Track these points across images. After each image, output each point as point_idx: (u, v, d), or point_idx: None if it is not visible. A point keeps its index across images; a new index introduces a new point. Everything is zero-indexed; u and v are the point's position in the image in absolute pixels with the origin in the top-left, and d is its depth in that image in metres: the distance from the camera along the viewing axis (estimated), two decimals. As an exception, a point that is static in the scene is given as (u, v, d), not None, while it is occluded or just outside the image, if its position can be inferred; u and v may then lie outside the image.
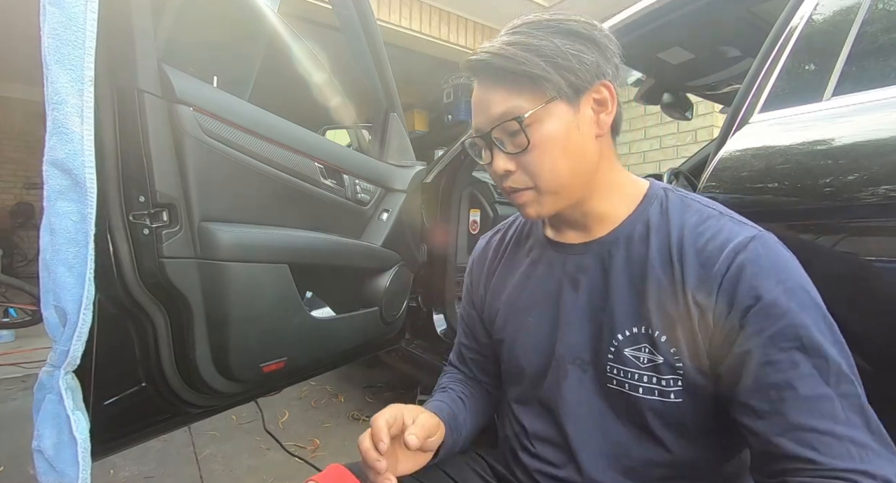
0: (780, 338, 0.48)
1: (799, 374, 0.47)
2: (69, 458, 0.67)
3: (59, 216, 0.64)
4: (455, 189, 1.78)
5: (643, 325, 0.56)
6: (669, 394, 0.55)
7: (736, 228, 0.53)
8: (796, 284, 0.50)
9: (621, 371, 0.57)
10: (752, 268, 0.50)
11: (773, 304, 0.49)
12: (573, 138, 0.56)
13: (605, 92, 0.56)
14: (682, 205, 0.58)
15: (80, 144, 0.64)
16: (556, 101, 0.54)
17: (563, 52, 0.54)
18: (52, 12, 0.61)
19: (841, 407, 0.46)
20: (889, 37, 0.69)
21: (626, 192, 0.61)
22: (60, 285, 0.65)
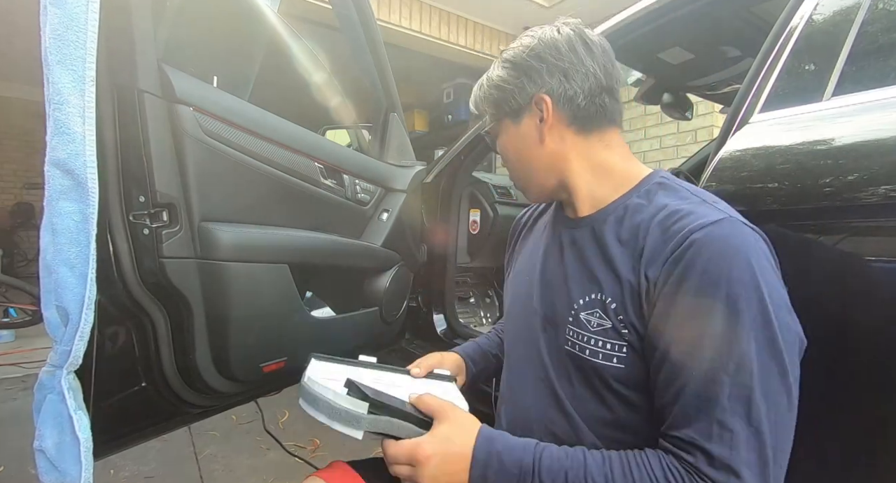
0: (695, 319, 0.51)
1: (702, 355, 0.50)
2: (71, 457, 0.67)
3: (60, 216, 0.64)
4: (455, 189, 1.78)
5: (598, 291, 0.61)
6: (612, 358, 0.59)
7: (705, 211, 0.56)
8: (734, 273, 0.51)
9: (577, 334, 0.63)
10: (698, 248, 0.52)
11: (696, 287, 0.51)
12: (518, 147, 0.71)
13: (543, 104, 0.66)
14: (668, 191, 0.63)
15: (82, 145, 0.64)
16: (502, 122, 0.72)
17: (493, 86, 0.71)
18: (54, 12, 0.61)
19: (728, 394, 0.49)
20: (889, 37, 0.70)
21: (620, 177, 0.67)
22: (62, 285, 0.65)
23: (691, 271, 0.52)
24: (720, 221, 0.53)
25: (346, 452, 1.74)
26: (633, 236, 0.60)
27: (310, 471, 1.59)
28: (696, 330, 0.51)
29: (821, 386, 0.70)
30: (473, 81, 0.74)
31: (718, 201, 0.60)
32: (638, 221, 0.60)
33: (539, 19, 4.92)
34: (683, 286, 0.52)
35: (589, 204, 0.68)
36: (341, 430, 0.61)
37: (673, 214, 0.57)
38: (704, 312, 0.50)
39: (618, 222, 0.63)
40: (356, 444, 0.65)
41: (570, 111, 0.66)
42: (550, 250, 0.73)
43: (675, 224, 0.56)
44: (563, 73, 0.65)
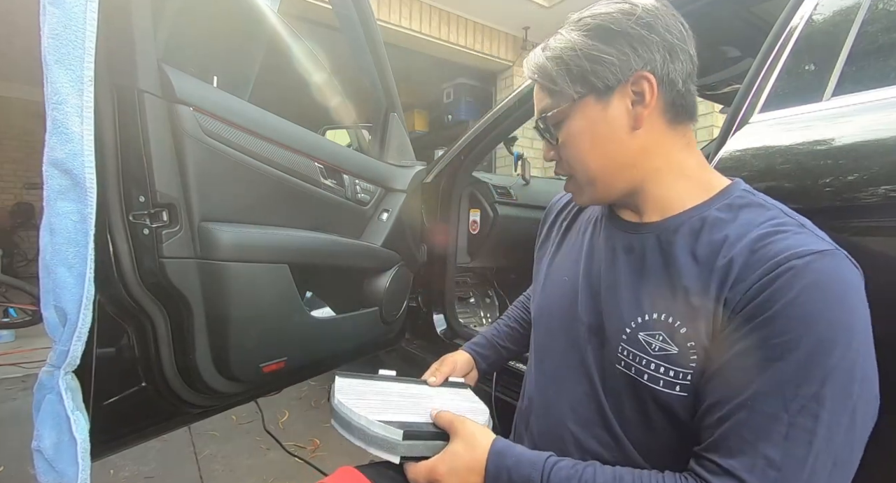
0: (767, 350, 0.46)
1: (765, 390, 0.45)
2: (69, 457, 0.67)
3: (59, 216, 0.64)
4: (455, 189, 1.78)
5: (664, 313, 0.54)
6: (675, 386, 0.53)
7: (807, 239, 0.49)
8: (831, 315, 0.45)
9: (633, 355, 0.56)
10: (794, 276, 0.46)
11: (781, 317, 0.45)
12: (601, 133, 0.59)
13: (644, 83, 0.56)
14: (758, 208, 0.55)
15: (80, 144, 0.64)
16: (582, 100, 0.58)
17: (580, 56, 0.57)
18: (52, 12, 0.61)
19: (785, 434, 0.44)
20: (889, 37, 0.69)
21: (697, 183, 0.59)
22: (60, 285, 0.65)
23: (780, 298, 0.45)
24: (826, 252, 0.47)
25: (344, 452, 1.74)
26: (713, 254, 0.52)
27: (309, 470, 1.59)
28: (769, 359, 0.45)
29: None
30: (473, 81, 0.72)
31: (818, 229, 0.53)
32: (720, 238, 0.53)
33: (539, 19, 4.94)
34: (767, 312, 0.46)
35: (658, 210, 0.60)
36: (378, 454, 0.63)
37: (767, 236, 0.50)
38: (784, 345, 0.45)
39: (692, 235, 0.55)
40: (356, 445, 0.65)
41: (669, 97, 0.57)
42: (598, 253, 0.65)
43: (769, 246, 0.49)
44: (670, 51, 0.56)
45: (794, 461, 0.44)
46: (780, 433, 0.44)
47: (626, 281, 0.60)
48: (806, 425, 0.44)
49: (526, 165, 2.18)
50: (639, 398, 0.57)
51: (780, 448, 0.44)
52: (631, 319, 0.57)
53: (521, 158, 2.20)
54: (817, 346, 0.44)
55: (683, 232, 0.57)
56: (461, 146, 1.70)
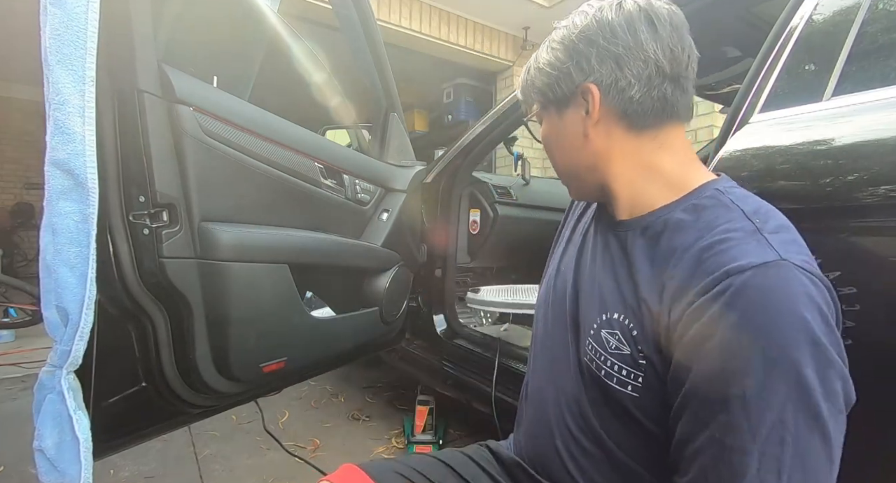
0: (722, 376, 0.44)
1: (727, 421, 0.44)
2: (71, 457, 0.67)
3: (60, 216, 0.64)
4: (455, 189, 1.78)
5: (623, 314, 0.56)
6: (627, 385, 0.55)
7: (753, 248, 0.47)
8: (774, 333, 0.43)
9: (594, 349, 0.59)
10: (731, 298, 0.44)
11: (732, 342, 0.44)
12: (560, 139, 0.65)
13: (588, 95, 0.59)
14: (721, 210, 0.53)
15: (82, 145, 0.64)
16: (545, 110, 0.65)
17: (539, 71, 0.63)
18: (54, 13, 0.61)
19: (758, 467, 0.43)
20: (889, 37, 0.70)
21: (669, 183, 0.59)
22: (62, 285, 0.65)
23: (723, 322, 0.44)
24: (765, 266, 0.44)
25: (345, 452, 1.74)
26: (665, 262, 0.52)
27: (309, 470, 1.59)
28: (726, 387, 0.44)
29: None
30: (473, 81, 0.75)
31: (781, 228, 0.51)
32: (674, 246, 0.53)
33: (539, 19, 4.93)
34: (712, 338, 0.44)
35: (627, 209, 0.61)
36: None
37: (714, 245, 0.48)
38: (737, 372, 0.43)
39: (653, 239, 0.56)
40: (356, 444, 0.66)
41: (620, 105, 0.58)
42: (587, 250, 0.68)
43: (713, 258, 0.47)
44: (616, 60, 0.56)
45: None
46: (754, 467, 0.43)
47: (599, 278, 0.62)
48: (775, 453, 0.42)
49: (526, 165, 2.18)
50: (603, 392, 0.58)
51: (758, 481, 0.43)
52: (597, 315, 0.59)
53: (521, 158, 2.20)
54: (770, 369, 0.42)
55: (647, 234, 0.57)
56: (461, 146, 1.70)
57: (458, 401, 1.69)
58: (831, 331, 0.45)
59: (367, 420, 2.05)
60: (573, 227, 0.78)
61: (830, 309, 0.46)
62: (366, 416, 2.07)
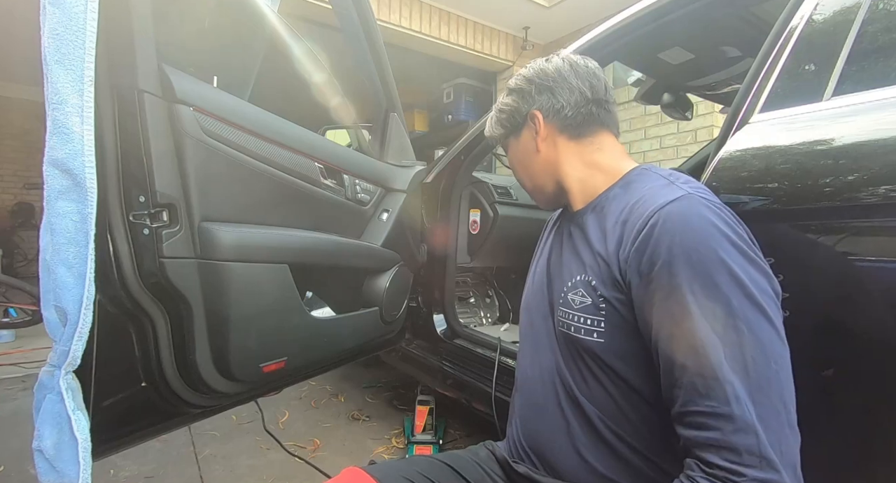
0: (676, 293, 0.54)
1: (691, 327, 0.53)
2: (70, 457, 0.67)
3: (59, 216, 0.64)
4: (455, 189, 1.78)
5: (581, 272, 0.68)
6: (593, 332, 0.64)
7: (667, 192, 0.60)
8: (697, 245, 0.54)
9: (564, 312, 0.69)
10: (661, 227, 0.57)
11: (669, 262, 0.55)
12: (520, 157, 0.83)
13: (535, 118, 0.77)
14: (643, 178, 0.69)
15: (81, 144, 0.64)
16: (509, 138, 0.83)
17: (498, 110, 0.83)
18: (53, 12, 0.61)
19: (724, 354, 0.51)
20: (889, 37, 0.69)
21: (608, 173, 0.74)
22: (61, 285, 0.65)
23: (658, 251, 0.56)
24: (678, 200, 0.58)
25: (345, 452, 1.74)
26: (610, 221, 0.67)
27: (310, 470, 1.59)
28: (677, 307, 0.54)
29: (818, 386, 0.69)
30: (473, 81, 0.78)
31: (690, 181, 0.65)
32: (614, 208, 0.67)
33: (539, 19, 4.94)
34: (655, 267, 0.56)
35: (581, 200, 0.76)
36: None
37: (640, 200, 0.63)
38: (680, 287, 0.54)
39: (599, 211, 0.71)
40: (356, 444, 0.66)
41: (559, 121, 0.76)
42: (555, 244, 0.81)
43: (640, 207, 0.61)
44: (550, 91, 0.76)
45: (755, 374, 0.51)
46: (722, 356, 0.51)
47: (564, 258, 0.75)
48: (735, 340, 0.51)
49: (526, 165, 2.17)
50: (575, 351, 0.68)
51: (735, 369, 0.51)
52: (563, 285, 0.71)
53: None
54: (705, 271, 0.53)
55: (595, 211, 0.72)
56: (461, 146, 1.70)
57: (458, 401, 1.69)
58: (742, 238, 0.56)
59: (367, 420, 2.05)
60: (545, 241, 0.90)
61: (737, 223, 0.58)
62: (366, 416, 2.07)
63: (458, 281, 2.20)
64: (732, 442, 0.49)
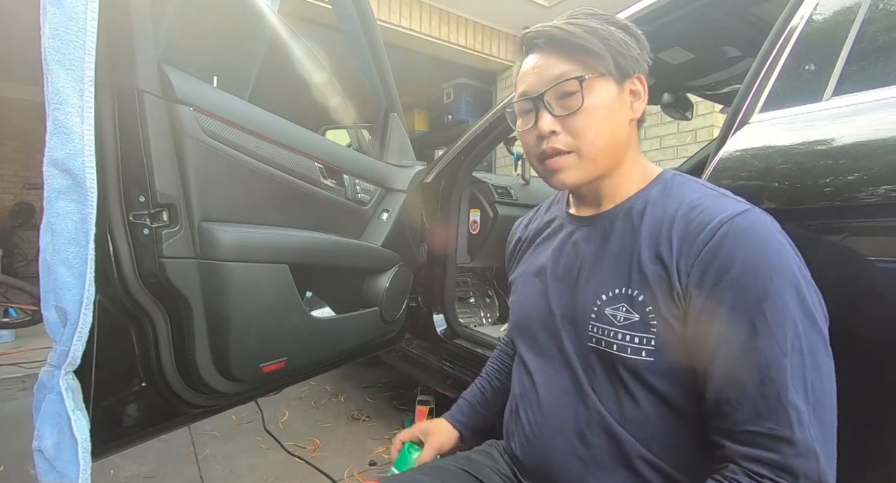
0: (742, 309, 0.51)
1: (756, 344, 0.51)
2: (70, 457, 0.67)
3: (59, 216, 0.64)
4: (455, 189, 1.78)
5: (624, 286, 0.61)
6: (641, 351, 0.59)
7: (726, 204, 0.57)
8: (772, 260, 0.52)
9: (600, 329, 0.62)
10: (733, 239, 0.53)
11: (739, 277, 0.52)
12: (616, 112, 0.64)
13: (639, 84, 0.66)
14: (686, 185, 0.64)
15: (81, 144, 0.64)
16: (606, 76, 0.63)
17: (617, 38, 0.63)
18: (53, 12, 0.61)
19: (790, 376, 0.49)
20: (889, 37, 0.69)
21: (640, 174, 0.68)
22: (61, 285, 0.65)
23: (728, 264, 0.53)
24: (745, 213, 0.55)
25: (345, 453, 1.74)
26: (656, 227, 0.60)
27: (310, 470, 1.59)
28: (743, 323, 0.51)
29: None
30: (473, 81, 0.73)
31: (733, 193, 0.61)
32: (660, 214, 0.61)
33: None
34: (722, 281, 0.53)
35: (610, 199, 0.68)
36: None
37: (695, 208, 0.58)
38: (749, 303, 0.51)
39: (639, 216, 0.64)
40: (356, 444, 0.66)
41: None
42: (562, 250, 0.72)
43: (700, 216, 0.57)
44: (647, 62, 0.67)
45: (813, 398, 0.49)
46: (790, 378, 0.49)
47: (589, 266, 0.67)
48: (799, 363, 0.50)
49: (526, 165, 2.18)
50: (613, 370, 0.62)
51: (796, 392, 0.49)
52: (596, 298, 0.64)
53: (521, 158, 2.20)
54: (776, 290, 0.51)
55: (631, 214, 0.65)
56: (461, 146, 1.70)
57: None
58: (802, 259, 0.55)
59: (367, 420, 2.05)
60: (523, 250, 0.83)
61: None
62: (366, 416, 2.07)
63: (458, 281, 2.20)
64: (793, 466, 0.48)
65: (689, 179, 0.65)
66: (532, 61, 0.66)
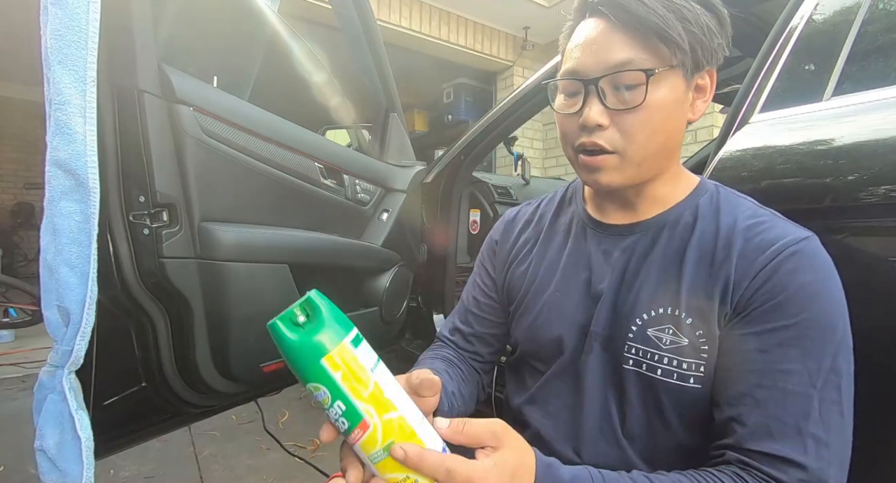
0: (785, 331, 0.49)
1: (790, 369, 0.48)
2: (72, 456, 0.67)
3: (62, 216, 0.64)
4: (455, 189, 1.78)
5: (670, 306, 0.55)
6: (689, 378, 0.53)
7: (789, 228, 0.53)
8: (832, 291, 0.50)
9: (640, 351, 0.56)
10: (794, 264, 0.50)
11: (793, 300, 0.49)
12: (676, 113, 0.55)
13: (708, 79, 0.56)
14: (735, 200, 0.58)
15: (84, 145, 0.64)
16: (677, 69, 0.53)
17: (701, 22, 0.52)
18: (55, 13, 0.61)
19: (819, 410, 0.47)
20: (889, 37, 0.70)
21: (682, 180, 0.61)
22: (64, 285, 0.65)
23: (789, 284, 0.49)
24: (810, 239, 0.52)
25: (346, 452, 1.74)
26: (709, 245, 0.55)
27: (310, 471, 1.59)
28: (789, 340, 0.49)
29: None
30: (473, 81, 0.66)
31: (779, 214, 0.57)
32: (713, 229, 0.55)
33: (539, 19, 4.93)
34: (779, 296, 0.49)
35: (652, 206, 0.60)
36: None
37: (756, 226, 0.54)
38: (801, 324, 0.48)
39: (687, 229, 0.57)
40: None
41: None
42: (588, 261, 0.63)
43: (760, 235, 0.52)
44: (724, 52, 0.56)
45: (834, 434, 0.47)
46: (816, 410, 0.47)
47: (628, 281, 0.59)
48: (833, 397, 0.48)
49: (526, 165, 2.18)
50: (651, 396, 0.56)
51: (821, 424, 0.47)
52: (636, 317, 0.57)
53: (521, 158, 2.20)
54: (827, 321, 0.49)
55: (679, 227, 0.58)
56: (461, 146, 1.70)
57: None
58: None
59: (367, 420, 2.04)
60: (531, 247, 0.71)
61: None
62: (366, 416, 2.07)
63: (458, 281, 2.20)
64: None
65: (732, 193, 0.60)
66: (589, 33, 0.54)
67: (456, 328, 0.78)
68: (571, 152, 0.59)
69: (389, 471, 0.42)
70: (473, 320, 0.76)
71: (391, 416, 0.43)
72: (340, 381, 0.43)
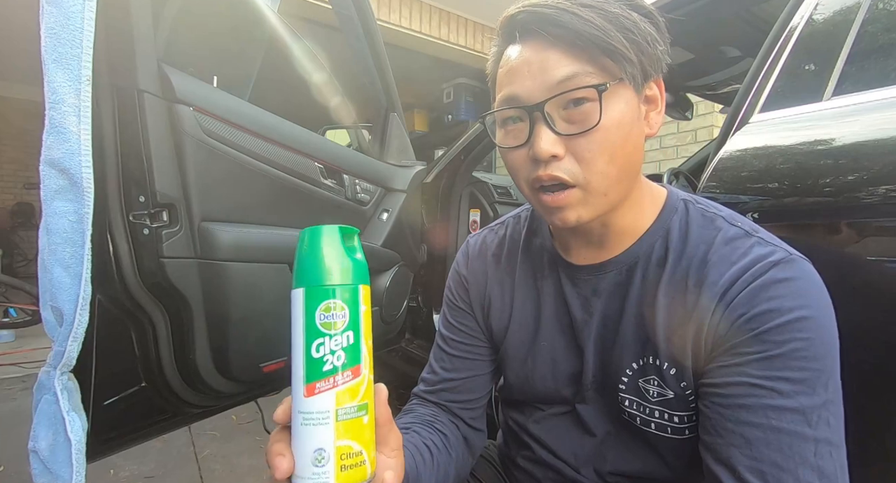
0: (776, 363, 0.43)
1: (782, 405, 0.43)
2: (64, 459, 0.66)
3: (55, 216, 0.64)
4: (455, 189, 1.78)
5: (651, 355, 0.51)
6: (684, 430, 0.50)
7: (763, 251, 0.47)
8: (822, 319, 0.45)
9: (634, 403, 0.53)
10: (772, 291, 0.45)
11: (781, 328, 0.44)
12: (633, 130, 0.49)
13: (656, 89, 0.51)
14: (704, 222, 0.52)
15: (77, 144, 0.63)
16: (625, 82, 0.47)
17: (643, 31, 0.47)
18: (50, 11, 0.61)
19: (814, 452, 0.42)
20: (889, 37, 0.69)
21: (647, 200, 0.55)
22: (57, 285, 0.64)
23: (773, 313, 0.44)
24: (793, 260, 0.46)
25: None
26: (682, 282, 0.50)
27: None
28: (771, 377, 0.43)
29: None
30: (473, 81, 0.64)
31: (758, 229, 0.51)
32: (685, 262, 0.50)
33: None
34: (759, 329, 0.44)
35: (622, 237, 0.55)
36: None
37: (732, 252, 0.48)
38: (788, 355, 0.43)
39: (659, 265, 0.52)
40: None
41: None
42: (568, 307, 0.58)
43: (736, 265, 0.47)
44: (666, 60, 0.51)
45: (827, 476, 0.42)
46: (810, 452, 0.42)
47: (610, 332, 0.55)
48: (826, 436, 0.43)
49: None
50: (641, 444, 0.55)
51: (815, 468, 0.42)
52: (626, 367, 0.54)
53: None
54: (821, 349, 0.44)
55: (651, 264, 0.53)
56: (461, 146, 1.70)
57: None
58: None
59: (367, 420, 2.04)
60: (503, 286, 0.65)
61: None
62: (366, 417, 2.07)
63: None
64: None
65: (704, 209, 0.54)
66: (523, 53, 0.48)
67: (435, 382, 0.69)
68: (527, 190, 0.52)
69: (348, 435, 0.37)
70: (461, 365, 0.68)
71: (371, 378, 0.40)
72: (363, 315, 0.40)
